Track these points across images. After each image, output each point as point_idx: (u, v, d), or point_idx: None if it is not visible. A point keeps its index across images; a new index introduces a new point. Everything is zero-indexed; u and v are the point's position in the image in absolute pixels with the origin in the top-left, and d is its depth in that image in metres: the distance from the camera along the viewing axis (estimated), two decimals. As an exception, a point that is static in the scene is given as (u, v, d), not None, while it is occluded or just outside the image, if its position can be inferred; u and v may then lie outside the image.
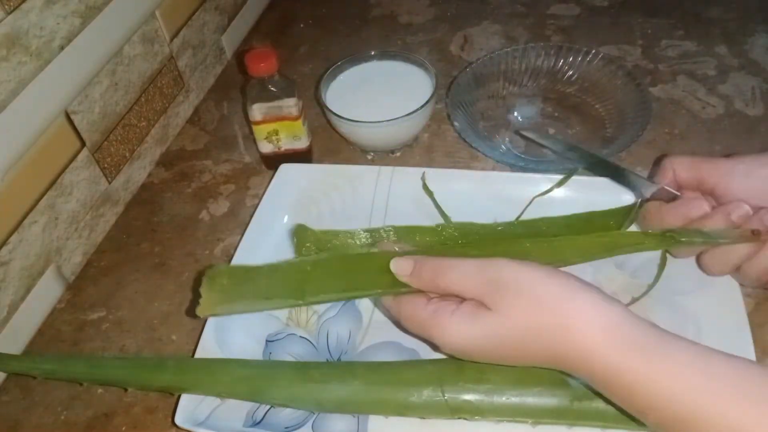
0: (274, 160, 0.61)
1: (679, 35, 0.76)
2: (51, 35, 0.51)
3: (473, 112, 0.66)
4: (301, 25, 0.86)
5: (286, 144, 0.62)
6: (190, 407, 0.43)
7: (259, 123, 0.59)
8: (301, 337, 0.49)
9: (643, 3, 0.81)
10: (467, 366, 0.42)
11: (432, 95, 0.60)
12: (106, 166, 0.60)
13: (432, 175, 0.56)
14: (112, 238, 0.61)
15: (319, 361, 0.47)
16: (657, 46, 0.74)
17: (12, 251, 0.50)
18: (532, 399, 0.40)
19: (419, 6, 0.87)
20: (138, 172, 0.65)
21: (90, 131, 0.57)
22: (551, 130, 0.65)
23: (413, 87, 0.62)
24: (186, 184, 0.66)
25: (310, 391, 0.42)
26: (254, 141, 0.62)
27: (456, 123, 0.62)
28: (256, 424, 0.43)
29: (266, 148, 0.62)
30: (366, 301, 0.50)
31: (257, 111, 0.58)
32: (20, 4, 0.48)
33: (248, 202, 0.62)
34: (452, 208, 0.54)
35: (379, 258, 0.42)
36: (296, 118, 0.59)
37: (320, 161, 0.65)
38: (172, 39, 0.68)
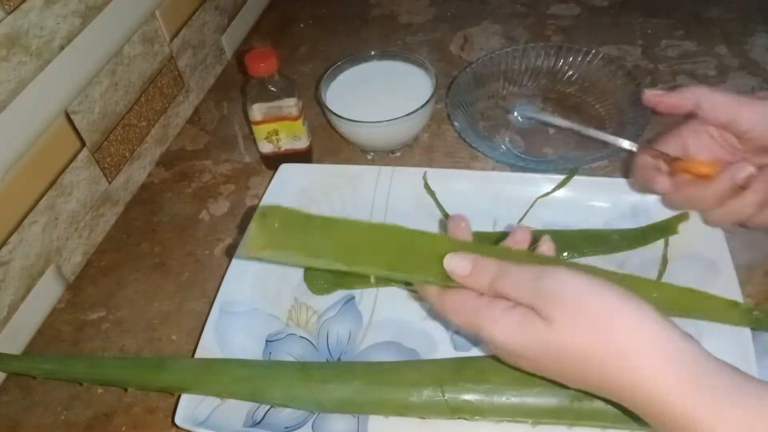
0: (274, 160, 0.61)
1: (679, 35, 0.76)
2: (51, 35, 0.51)
3: (473, 112, 0.66)
4: (301, 25, 0.86)
5: (286, 144, 0.62)
6: (190, 407, 0.43)
7: (259, 123, 0.59)
8: (301, 337, 0.49)
9: (643, 3, 0.81)
10: (467, 366, 0.42)
11: (432, 95, 0.60)
12: (106, 166, 0.60)
13: (432, 175, 0.56)
14: (112, 238, 0.61)
15: (319, 361, 0.47)
16: (657, 46, 0.74)
17: (12, 251, 0.50)
18: (532, 399, 0.40)
19: (419, 6, 0.87)
20: (138, 172, 0.65)
21: (90, 131, 0.57)
22: (551, 131, 0.65)
23: (413, 87, 0.62)
24: (186, 184, 0.66)
25: (310, 391, 0.42)
26: (254, 141, 0.62)
27: (456, 123, 0.62)
28: (256, 424, 0.43)
29: (266, 148, 0.62)
30: (366, 301, 0.50)
31: (257, 111, 0.58)
32: (20, 4, 0.48)
33: (248, 202, 0.62)
34: (452, 207, 0.54)
35: (439, 241, 0.39)
36: (296, 118, 0.59)
37: (320, 161, 0.65)
38: (172, 39, 0.68)
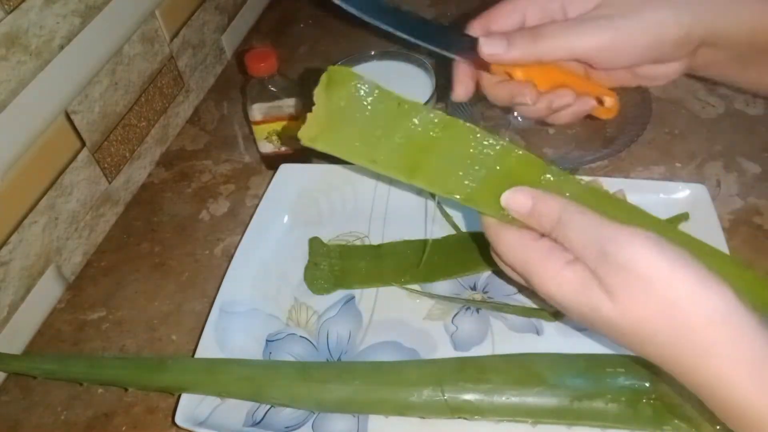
0: (274, 160, 0.61)
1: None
2: (51, 35, 0.51)
3: (473, 112, 0.65)
4: (301, 25, 0.86)
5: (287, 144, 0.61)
6: (190, 407, 0.43)
7: (259, 123, 0.59)
8: (301, 337, 0.49)
9: (643, 3, 0.81)
10: (467, 366, 0.42)
11: (432, 95, 0.60)
12: (106, 166, 0.60)
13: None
14: (112, 238, 0.61)
15: (319, 361, 0.47)
16: (657, 46, 0.74)
17: (12, 251, 0.50)
18: (532, 399, 0.40)
19: (419, 6, 0.86)
20: (138, 172, 0.65)
21: (90, 131, 0.57)
22: (551, 131, 0.64)
23: (413, 87, 0.62)
24: (186, 184, 0.66)
25: (310, 391, 0.42)
26: (254, 141, 0.62)
27: (456, 123, 0.62)
28: (256, 424, 0.43)
29: (266, 148, 0.62)
30: (366, 300, 0.50)
31: (257, 111, 0.58)
32: (20, 3, 0.48)
33: (248, 202, 0.62)
34: (452, 207, 0.54)
35: (511, 157, 0.34)
36: (296, 118, 0.59)
37: (320, 161, 0.65)
38: (172, 39, 0.68)
